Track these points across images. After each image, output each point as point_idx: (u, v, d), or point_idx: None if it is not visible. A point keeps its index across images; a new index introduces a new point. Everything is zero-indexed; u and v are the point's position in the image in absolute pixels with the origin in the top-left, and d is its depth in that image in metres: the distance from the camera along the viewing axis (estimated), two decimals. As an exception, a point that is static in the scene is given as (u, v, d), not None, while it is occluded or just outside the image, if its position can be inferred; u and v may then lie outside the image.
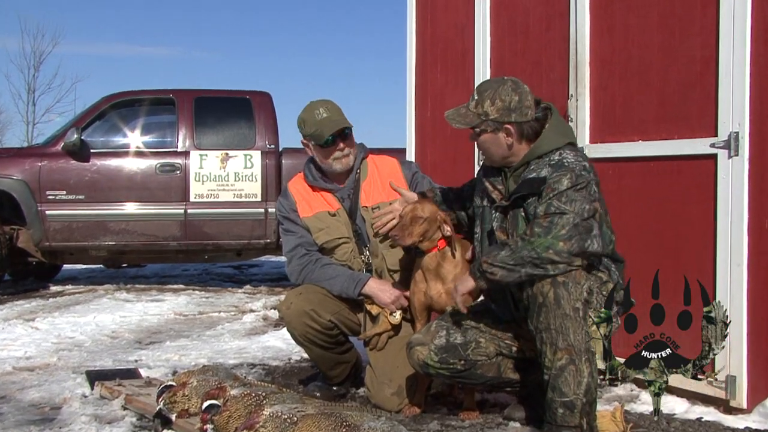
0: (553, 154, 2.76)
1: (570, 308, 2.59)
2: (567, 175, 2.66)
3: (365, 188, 3.52)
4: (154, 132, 8.06)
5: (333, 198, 3.52)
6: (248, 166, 7.70)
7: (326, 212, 3.49)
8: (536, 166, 2.77)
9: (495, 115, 2.80)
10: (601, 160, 3.82)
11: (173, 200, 7.59)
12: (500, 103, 2.79)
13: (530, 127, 2.82)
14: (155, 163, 7.62)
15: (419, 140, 5.10)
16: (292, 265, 3.50)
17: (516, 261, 2.62)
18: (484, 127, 2.84)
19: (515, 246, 2.64)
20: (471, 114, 2.85)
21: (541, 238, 2.59)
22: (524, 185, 2.75)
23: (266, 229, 7.71)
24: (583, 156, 2.76)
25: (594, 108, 3.88)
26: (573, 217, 2.60)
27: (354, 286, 3.37)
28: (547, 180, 2.68)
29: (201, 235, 7.66)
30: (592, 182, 2.68)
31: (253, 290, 8.02)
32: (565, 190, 2.64)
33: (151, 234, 7.58)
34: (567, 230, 2.59)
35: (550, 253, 2.58)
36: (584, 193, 2.64)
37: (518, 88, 2.81)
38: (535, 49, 4.22)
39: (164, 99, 8.01)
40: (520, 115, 2.80)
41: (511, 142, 2.82)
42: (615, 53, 3.78)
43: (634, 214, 3.66)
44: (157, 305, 6.78)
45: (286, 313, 3.41)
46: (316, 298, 3.40)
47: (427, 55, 5.07)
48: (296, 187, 3.60)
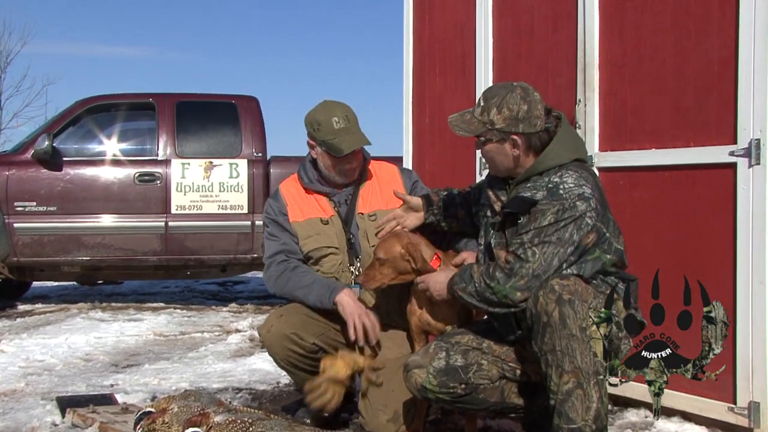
0: (554, 174, 2.78)
1: (576, 328, 2.59)
2: (555, 208, 2.69)
3: (363, 194, 3.54)
4: (133, 139, 8.06)
5: (327, 203, 3.53)
6: (234, 176, 7.71)
7: (318, 219, 3.50)
8: (534, 184, 2.80)
9: (501, 125, 2.82)
10: (611, 169, 3.83)
11: (153, 212, 7.58)
12: (507, 112, 2.80)
13: (539, 138, 2.83)
14: (133, 173, 7.61)
15: (417, 148, 5.12)
16: (270, 271, 3.50)
17: (481, 299, 2.79)
18: (489, 136, 2.85)
19: (479, 285, 2.77)
20: (476, 121, 2.86)
21: (500, 285, 2.71)
22: (515, 203, 2.80)
23: (253, 243, 7.70)
24: (586, 178, 2.77)
25: (603, 114, 3.90)
26: (535, 268, 2.68)
27: (329, 294, 3.35)
28: (538, 204, 2.73)
29: (183, 249, 7.65)
30: (585, 215, 2.69)
31: (238, 308, 8.00)
32: (545, 227, 2.69)
33: (129, 248, 7.57)
34: (525, 282, 2.68)
35: (508, 300, 2.72)
36: (565, 232, 2.68)
37: (527, 96, 2.82)
38: (540, 51, 4.24)
39: (143, 103, 8.02)
40: (529, 126, 2.81)
41: (518, 153, 2.84)
42: (626, 55, 3.80)
43: (646, 228, 3.67)
44: (134, 325, 6.75)
45: (266, 337, 3.41)
46: (298, 320, 3.39)
47: (425, 57, 5.09)
48: (289, 189, 3.61)
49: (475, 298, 2.80)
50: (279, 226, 3.54)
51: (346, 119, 3.42)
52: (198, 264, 7.83)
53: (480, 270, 2.80)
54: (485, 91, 2.93)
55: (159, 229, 7.60)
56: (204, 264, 7.84)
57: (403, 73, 5.23)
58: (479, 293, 2.78)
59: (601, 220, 2.75)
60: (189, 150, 7.80)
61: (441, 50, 4.96)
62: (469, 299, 2.83)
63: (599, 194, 2.77)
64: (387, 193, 3.54)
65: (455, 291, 2.87)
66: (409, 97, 5.19)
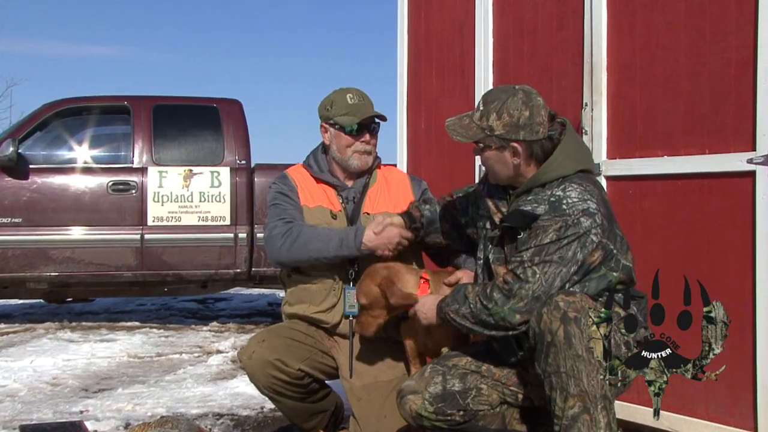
0: (557, 187, 2.78)
1: (583, 348, 2.59)
2: (557, 225, 2.70)
3: (371, 195, 3.57)
4: (106, 145, 8.05)
5: (336, 197, 3.55)
6: (215, 185, 7.70)
7: (329, 210, 3.52)
8: (536, 197, 2.81)
9: (501, 131, 2.82)
10: (619, 178, 3.84)
11: (128, 224, 7.57)
12: (507, 118, 2.81)
13: (541, 146, 2.83)
14: (107, 181, 7.60)
15: (412, 155, 5.12)
16: (275, 232, 3.42)
17: (476, 321, 2.79)
18: (488, 143, 2.86)
19: (474, 306, 2.77)
20: (474, 126, 2.86)
21: (498, 306, 2.72)
22: (514, 217, 2.81)
23: (236, 257, 7.70)
24: (591, 192, 2.77)
25: (612, 119, 3.91)
26: (535, 289, 2.69)
27: (354, 236, 3.32)
28: (539, 220, 2.73)
29: (160, 264, 7.63)
30: (590, 232, 2.70)
31: (220, 328, 7.99)
32: (547, 245, 2.69)
33: (102, 263, 7.54)
34: (525, 304, 2.69)
35: (506, 323, 2.72)
36: (567, 251, 2.69)
37: (530, 101, 2.82)
38: (544, 51, 4.25)
39: (117, 107, 8.02)
40: (530, 133, 2.82)
41: (518, 162, 2.84)
42: (636, 56, 3.81)
43: (658, 241, 3.68)
44: (107, 346, 6.72)
45: (247, 364, 3.39)
46: (281, 344, 3.38)
47: (420, 57, 5.10)
48: (298, 175, 3.62)
49: (469, 320, 2.79)
50: (288, 198, 3.53)
51: (360, 97, 3.54)
52: (176, 280, 7.80)
53: (476, 290, 2.80)
54: (485, 94, 2.93)
55: (134, 243, 7.58)
56: (183, 280, 7.82)
57: (397, 75, 5.25)
58: (474, 315, 2.77)
59: (608, 236, 2.75)
60: (167, 157, 7.79)
61: (438, 50, 4.97)
62: (463, 321, 2.82)
63: (605, 209, 2.77)
64: (395, 196, 3.58)
65: (446, 313, 2.86)
66: (403, 100, 5.20)
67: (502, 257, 2.88)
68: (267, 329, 3.50)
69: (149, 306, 9.72)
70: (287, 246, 3.38)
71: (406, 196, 3.58)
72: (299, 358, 3.39)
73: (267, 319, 8.53)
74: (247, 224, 7.70)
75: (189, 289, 8.13)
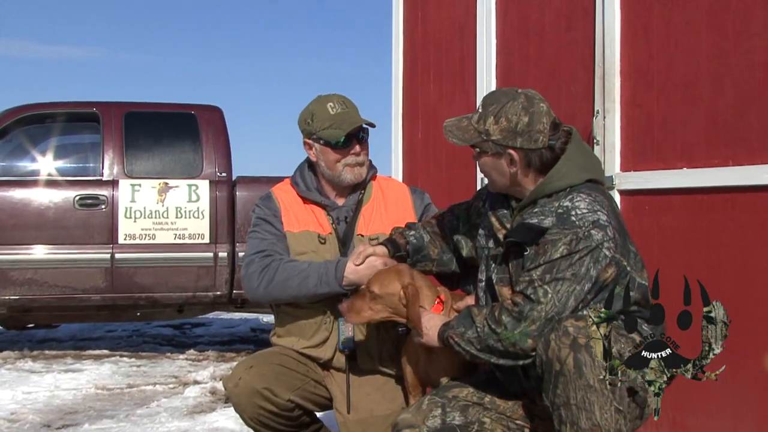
0: (564, 198, 2.79)
1: (594, 378, 2.58)
2: (567, 238, 2.70)
3: (365, 213, 3.54)
4: (72, 156, 8.05)
5: (325, 218, 3.52)
6: (193, 199, 7.69)
7: (316, 234, 3.48)
8: (542, 209, 2.80)
9: (497, 137, 2.83)
10: (634, 192, 3.84)
11: (96, 242, 7.55)
12: (505, 123, 2.82)
13: (539, 156, 2.84)
14: (73, 195, 7.58)
15: (408, 168, 5.12)
16: (251, 269, 3.41)
17: (482, 347, 2.76)
18: (484, 147, 2.87)
19: (482, 330, 2.75)
20: (471, 129, 2.88)
21: (507, 331, 2.70)
22: (520, 232, 2.80)
23: (215, 279, 7.68)
24: (601, 202, 2.77)
25: (626, 128, 3.91)
26: (548, 310, 2.67)
27: (335, 271, 3.28)
28: (546, 234, 2.73)
29: (132, 286, 7.60)
30: (602, 245, 2.70)
31: (198, 356, 7.97)
32: (558, 260, 2.69)
33: (67, 285, 7.51)
34: (537, 327, 2.67)
35: (517, 348, 2.70)
36: (580, 267, 2.68)
37: (531, 107, 2.83)
38: (551, 53, 4.26)
39: (85, 114, 8.00)
40: (528, 141, 2.82)
41: (515, 171, 2.85)
42: (653, 59, 3.82)
43: (677, 261, 3.67)
44: (72, 377, 6.69)
45: (233, 392, 3.37)
46: (270, 371, 3.36)
47: (417, 61, 5.11)
48: (283, 194, 3.58)
49: (475, 345, 2.77)
50: (269, 226, 3.50)
51: (343, 104, 3.48)
52: (150, 303, 7.77)
53: (483, 313, 2.78)
54: (486, 96, 2.94)
55: (103, 263, 7.55)
56: (157, 303, 7.79)
57: (392, 80, 5.25)
58: (481, 340, 2.75)
59: (621, 252, 2.75)
60: (140, 169, 7.78)
61: (436, 52, 4.98)
62: (467, 347, 2.79)
63: (616, 221, 2.77)
64: (393, 213, 3.54)
65: (448, 337, 2.83)
66: (398, 107, 5.20)
67: (507, 277, 2.87)
68: (255, 355, 3.48)
69: (119, 332, 9.69)
70: (264, 285, 3.37)
71: (406, 213, 3.55)
72: (290, 388, 3.37)
73: (250, 347, 8.50)
74: (228, 242, 7.68)
75: (164, 314, 8.11)
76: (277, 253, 3.43)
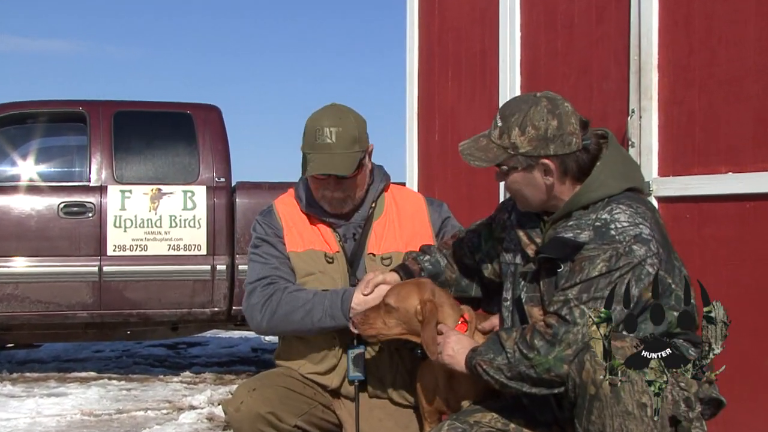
0: (602, 210, 2.77)
1: (634, 404, 2.57)
2: (606, 254, 2.69)
3: (377, 230, 3.53)
4: (56, 159, 8.07)
5: (332, 235, 3.51)
6: (189, 207, 7.70)
7: (323, 253, 3.47)
8: (578, 222, 2.79)
9: (526, 148, 2.81)
10: (674, 199, 3.82)
11: (83, 254, 7.55)
12: (533, 132, 2.80)
13: (576, 160, 2.83)
14: (57, 203, 7.59)
15: (423, 173, 5.12)
16: (253, 298, 3.42)
17: (513, 375, 2.74)
18: (513, 164, 2.85)
19: (512, 356, 2.73)
20: (494, 147, 2.86)
21: (541, 356, 2.68)
22: (553, 247, 2.79)
23: (213, 294, 7.68)
24: (643, 214, 2.76)
25: (664, 128, 3.90)
26: (585, 332, 2.66)
27: (340, 302, 3.29)
28: (583, 250, 2.72)
29: (122, 302, 7.60)
30: (645, 262, 2.70)
31: (193, 378, 7.97)
32: (596, 279, 2.68)
33: (51, 301, 7.51)
34: (574, 350, 2.66)
35: (552, 375, 2.68)
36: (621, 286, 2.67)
37: (556, 108, 2.82)
38: (581, 48, 4.25)
39: (71, 113, 8.03)
40: (562, 145, 2.81)
41: (551, 182, 2.84)
42: (694, 53, 3.80)
43: (722, 276, 3.65)
44: (56, 402, 6.69)
45: (234, 417, 3.36)
46: (275, 395, 3.35)
47: (434, 56, 5.11)
48: (286, 208, 3.58)
49: (505, 373, 2.75)
50: (271, 248, 3.50)
51: (332, 135, 3.40)
52: (141, 321, 7.78)
53: (513, 337, 2.77)
54: (502, 107, 2.92)
55: (90, 276, 7.56)
56: (149, 321, 7.80)
57: (406, 77, 5.25)
58: (512, 367, 2.73)
59: (665, 268, 2.73)
60: (130, 174, 7.79)
61: (455, 47, 4.97)
62: (496, 375, 2.77)
63: (660, 235, 2.76)
64: (408, 229, 3.52)
65: (476, 364, 2.81)
66: (413, 107, 5.20)
67: (538, 296, 2.86)
68: (258, 376, 3.47)
69: (108, 353, 9.71)
70: (267, 318, 3.38)
71: (423, 228, 3.53)
72: (296, 413, 3.37)
73: (251, 368, 8.50)
74: (227, 254, 7.68)
75: (156, 333, 8.12)
76: (282, 279, 3.43)
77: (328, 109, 3.48)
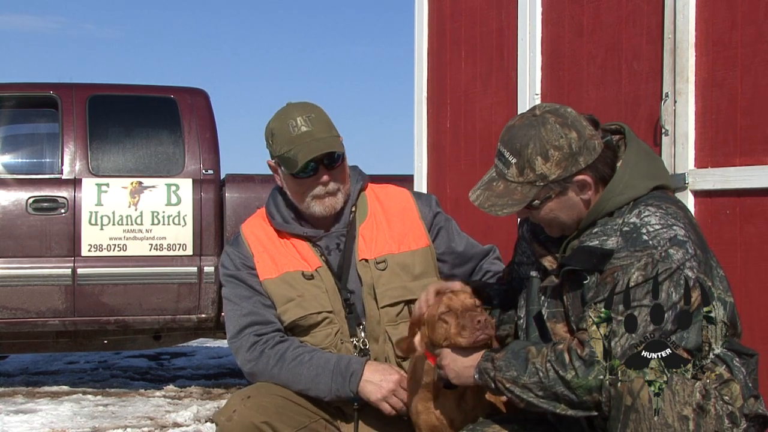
0: (629, 213, 2.78)
1: (674, 416, 2.58)
2: (641, 262, 2.69)
3: (364, 233, 3.54)
4: (25, 149, 8.11)
5: (310, 250, 3.53)
6: (173, 202, 7.72)
7: (299, 273, 3.49)
8: (603, 228, 2.80)
9: (557, 172, 2.81)
10: (713, 193, 3.83)
11: (54, 254, 7.58)
12: (557, 153, 2.80)
13: (604, 162, 2.84)
14: (26, 198, 7.61)
15: (434, 165, 5.12)
16: (242, 358, 3.49)
17: (548, 395, 2.73)
18: (545, 194, 2.85)
19: (545, 375, 2.72)
20: (517, 186, 2.85)
21: (579, 378, 2.68)
22: (578, 257, 2.80)
23: (200, 298, 7.70)
24: (675, 214, 2.77)
25: (702, 114, 3.90)
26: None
27: (347, 382, 3.34)
28: (613, 258, 2.72)
29: (98, 307, 7.63)
30: (683, 266, 2.69)
31: (178, 392, 8.00)
32: (633, 289, 2.68)
33: (18, 307, 7.53)
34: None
35: (594, 397, 2.68)
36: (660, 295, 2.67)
37: (566, 118, 2.82)
38: (609, 24, 4.25)
39: (40, 98, 8.06)
40: (588, 153, 2.82)
41: (588, 195, 2.85)
42: (735, 30, 3.80)
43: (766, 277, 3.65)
44: (24, 419, 6.71)
45: (225, 427, 3.35)
46: (272, 404, 3.36)
47: (445, 35, 5.11)
48: (254, 231, 3.60)
49: (535, 392, 2.74)
50: (243, 286, 3.53)
51: (307, 122, 3.44)
52: (120, 329, 7.81)
53: (544, 353, 2.76)
54: (506, 141, 2.88)
55: (63, 279, 7.58)
56: (129, 329, 7.83)
57: (414, 57, 5.26)
58: (546, 387, 2.72)
59: (704, 271, 2.73)
60: (108, 165, 7.81)
61: (468, 25, 4.98)
62: (524, 394, 2.76)
63: (695, 234, 2.77)
64: (398, 228, 3.54)
65: (498, 381, 2.79)
66: (422, 91, 5.20)
67: (561, 312, 2.87)
68: (254, 385, 3.47)
69: (82, 364, 9.75)
70: (266, 377, 3.45)
71: (414, 225, 3.55)
72: (293, 425, 3.37)
73: (241, 381, 8.51)
74: (215, 254, 7.68)
75: (137, 342, 8.14)
76: (261, 322, 3.47)
77: (291, 106, 3.52)
